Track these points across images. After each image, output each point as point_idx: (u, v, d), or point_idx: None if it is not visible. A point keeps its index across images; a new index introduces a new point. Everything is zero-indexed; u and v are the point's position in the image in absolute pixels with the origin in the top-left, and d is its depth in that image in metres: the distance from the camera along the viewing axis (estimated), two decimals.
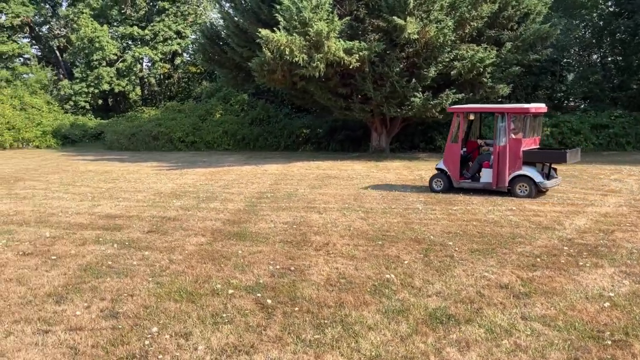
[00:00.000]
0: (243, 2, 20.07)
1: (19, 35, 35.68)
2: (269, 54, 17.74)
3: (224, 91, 30.94)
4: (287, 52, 16.43)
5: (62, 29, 35.60)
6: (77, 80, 32.17)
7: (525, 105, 10.81)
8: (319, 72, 17.39)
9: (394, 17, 17.17)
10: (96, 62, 31.90)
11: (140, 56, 33.34)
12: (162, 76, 34.12)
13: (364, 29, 19.84)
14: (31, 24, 35.44)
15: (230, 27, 20.72)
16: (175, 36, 33.70)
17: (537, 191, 10.46)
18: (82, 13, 32.07)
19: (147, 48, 32.91)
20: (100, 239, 7.60)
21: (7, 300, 5.16)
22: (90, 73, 32.02)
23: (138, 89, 33.69)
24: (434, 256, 6.46)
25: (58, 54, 36.99)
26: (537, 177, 10.33)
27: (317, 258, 6.45)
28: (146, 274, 5.96)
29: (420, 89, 19.42)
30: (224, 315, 4.71)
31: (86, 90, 32.00)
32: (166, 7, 33.35)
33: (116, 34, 33.61)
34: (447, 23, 18.06)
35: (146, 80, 34.13)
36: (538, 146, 11.38)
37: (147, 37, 33.24)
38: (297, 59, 16.59)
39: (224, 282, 5.64)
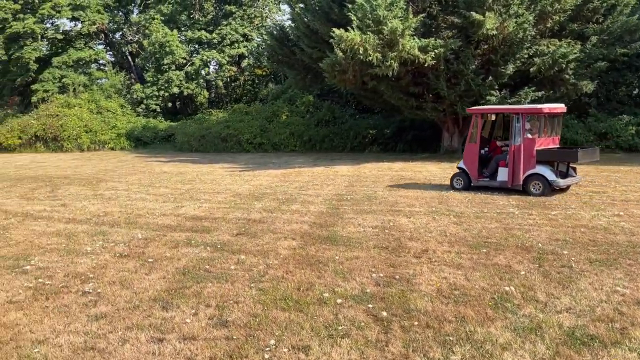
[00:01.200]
0: (314, 2, 19.90)
1: (95, 42, 37.34)
2: (340, 53, 17.50)
3: (289, 93, 31.03)
4: (360, 51, 16.12)
5: (134, 35, 36.94)
6: (149, 84, 33.25)
7: (539, 106, 11.03)
8: (392, 71, 16.95)
9: (471, 12, 16.47)
10: (166, 66, 32.86)
11: (208, 59, 34.04)
12: (228, 79, 34.68)
13: (437, 26, 19.24)
14: (105, 31, 37.01)
15: (300, 28, 20.63)
16: (241, 39, 34.18)
17: (551, 189, 10.67)
18: (154, 19, 33.10)
19: (215, 51, 33.55)
20: (192, 242, 7.56)
21: (114, 304, 5.12)
22: (161, 77, 33.00)
23: (205, 92, 34.37)
24: (549, 266, 5.93)
25: (130, 59, 38.46)
26: (550, 176, 10.56)
27: (419, 266, 6.08)
28: (245, 279, 5.80)
29: (496, 87, 18.60)
30: (339, 327, 4.43)
31: (157, 93, 33.01)
32: (233, 10, 33.89)
33: (185, 38, 34.46)
34: (527, 17, 17.17)
35: (214, 83, 34.79)
36: (557, 145, 11.58)
37: (215, 41, 33.89)
38: (370, 57, 16.24)
39: (327, 289, 5.38)
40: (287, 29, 23.31)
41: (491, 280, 5.51)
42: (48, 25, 34.23)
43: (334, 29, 16.24)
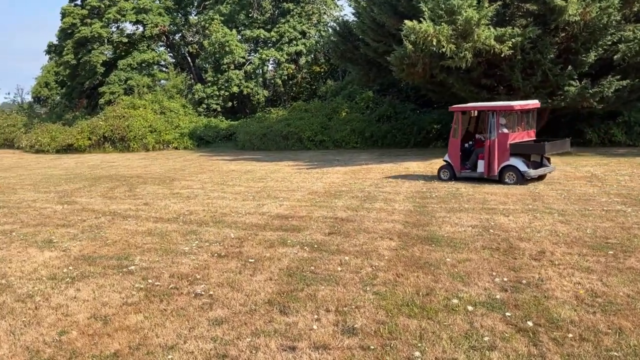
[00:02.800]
0: None
1: (156, 44, 38.28)
2: (410, 46, 16.99)
3: (349, 89, 30.68)
4: (433, 43, 15.55)
5: (194, 36, 37.60)
6: (209, 84, 33.73)
7: (511, 103, 12.10)
8: (466, 62, 16.30)
9: None
10: (225, 66, 33.22)
11: (267, 58, 34.17)
12: (287, 77, 34.70)
13: (511, 14, 18.39)
14: (167, 33, 37.85)
15: (365, 22, 20.23)
16: (300, 36, 34.10)
17: (524, 179, 11.58)
18: (213, 19, 33.53)
19: (274, 50, 33.63)
20: (288, 241, 7.36)
21: (230, 307, 4.95)
22: (221, 76, 33.40)
23: (265, 91, 34.54)
24: None
25: (189, 59, 39.17)
26: (522, 167, 11.54)
27: (544, 269, 5.60)
28: (356, 282, 5.52)
29: (575, 77, 17.59)
30: (482, 339, 4.06)
31: (217, 93, 33.44)
32: (291, 8, 33.85)
33: (243, 37, 34.74)
34: (612, 1, 16.08)
35: (272, 81, 34.91)
36: (533, 138, 12.58)
37: (273, 39, 33.98)
38: (444, 49, 15.65)
39: (450, 295, 5.01)
40: (351, 24, 22.93)
41: (634, 286, 4.97)
42: (113, 29, 35.33)
43: (405, 21, 15.76)
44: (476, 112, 12.79)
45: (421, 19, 15.97)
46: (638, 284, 5.04)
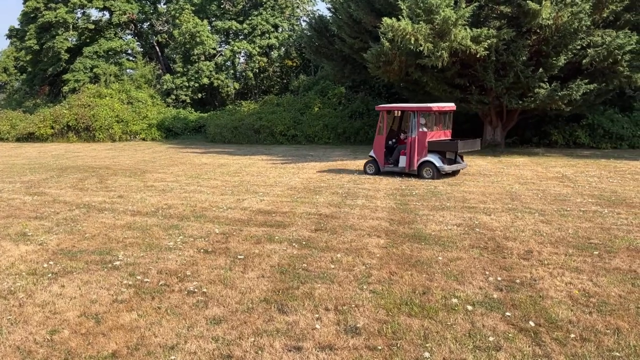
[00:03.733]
0: None
1: (124, 32, 37.22)
2: (387, 44, 17.08)
3: (321, 84, 30.61)
4: (412, 41, 15.65)
5: (163, 25, 36.72)
6: (178, 75, 33.04)
7: (430, 105, 13.22)
8: (442, 61, 16.47)
9: (527, 1, 15.87)
10: (196, 57, 32.60)
11: (239, 50, 33.71)
12: (258, 70, 34.33)
13: (485, 15, 18.68)
14: (135, 21, 36.85)
15: (342, 18, 20.19)
16: (272, 30, 33.78)
17: (439, 174, 12.71)
18: (184, 9, 32.83)
19: (245, 42, 33.21)
20: (275, 238, 7.25)
21: (226, 306, 4.83)
22: (191, 67, 32.77)
23: (236, 83, 34.08)
24: None
25: (158, 49, 38.25)
26: (438, 163, 12.66)
27: (535, 269, 5.70)
28: (351, 280, 5.48)
29: (545, 79, 18.02)
30: (486, 339, 4.08)
31: (187, 84, 32.79)
32: (264, 1, 33.47)
33: (215, 28, 34.15)
34: (583, 7, 16.53)
35: (244, 74, 34.48)
36: (449, 138, 13.65)
37: (245, 31, 33.54)
38: (422, 48, 15.76)
39: (447, 294, 5.04)
40: (326, 19, 22.84)
41: (624, 287, 5.11)
42: (79, 14, 34.14)
43: (384, 18, 15.77)
44: (399, 112, 13.86)
45: (399, 16, 16.04)
46: (627, 284, 5.18)
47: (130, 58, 36.91)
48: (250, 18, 33.63)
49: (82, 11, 34.35)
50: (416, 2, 15.91)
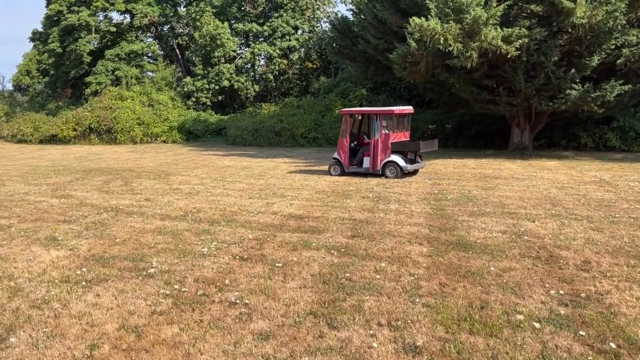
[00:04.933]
0: None
1: (145, 35, 37.34)
2: (414, 44, 16.70)
3: (342, 86, 30.31)
4: (440, 41, 15.26)
5: (184, 28, 36.75)
6: (199, 77, 32.99)
7: (392, 108, 13.90)
8: (472, 62, 16.04)
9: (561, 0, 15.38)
10: (216, 59, 32.52)
11: (259, 52, 33.56)
12: (278, 72, 34.14)
13: (515, 15, 18.21)
14: (156, 24, 36.94)
15: (367, 19, 19.85)
16: (292, 31, 33.57)
17: (402, 173, 13.33)
18: (205, 12, 32.79)
19: (266, 44, 33.05)
20: (312, 244, 6.94)
21: (271, 319, 4.52)
22: (211, 70, 32.70)
23: (256, 86, 33.91)
24: None
25: (178, 51, 38.31)
26: (401, 162, 13.27)
27: (598, 282, 5.30)
28: (400, 292, 5.14)
29: (577, 80, 17.49)
30: None
31: (207, 86, 32.73)
32: (284, 2, 33.29)
33: (235, 31, 34.06)
34: (618, 5, 15.98)
35: (264, 76, 34.30)
36: (407, 139, 14.22)
37: (266, 34, 33.39)
38: (451, 48, 15.37)
39: (507, 308, 4.67)
40: (351, 20, 22.53)
41: None
42: (101, 17, 34.31)
43: (413, 18, 15.42)
44: (360, 115, 14.38)
45: (427, 16, 15.66)
46: None
47: (151, 61, 36.99)
48: (270, 20, 33.47)
49: (104, 14, 34.55)
50: (445, 2, 15.52)
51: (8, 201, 10.55)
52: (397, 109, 13.83)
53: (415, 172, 14.06)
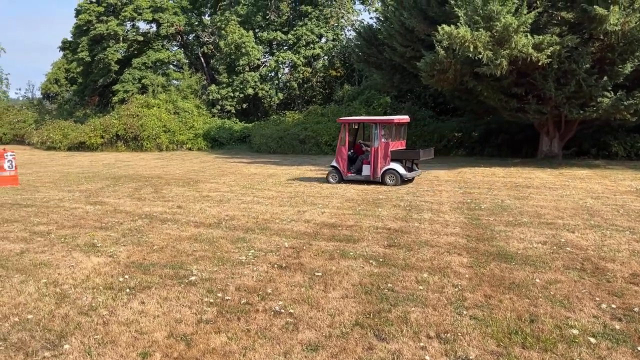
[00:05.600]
0: (412, 0, 19.02)
1: (171, 44, 37.89)
2: (442, 52, 16.62)
3: (366, 94, 30.29)
4: (470, 49, 15.15)
5: (209, 36, 37.19)
6: (224, 85, 33.31)
7: (391, 117, 14.21)
8: (502, 70, 15.88)
9: (594, 6, 15.15)
10: (240, 67, 32.80)
11: (284, 61, 33.76)
12: (302, 80, 34.28)
13: (545, 22, 17.99)
14: (182, 33, 37.47)
15: (394, 27, 19.83)
16: (317, 40, 33.72)
17: (402, 181, 13.69)
18: (230, 20, 33.14)
19: (290, 52, 33.23)
20: (349, 253, 6.90)
21: (318, 329, 4.49)
22: (236, 78, 32.98)
23: (280, 94, 34.09)
24: None
25: (202, 60, 38.77)
26: (401, 170, 13.63)
27: None
28: (445, 303, 5.06)
29: (609, 88, 17.17)
30: None
31: (232, 94, 33.01)
32: (309, 11, 33.47)
33: (259, 39, 34.34)
34: None
35: (288, 84, 34.48)
36: (404, 147, 14.56)
37: (290, 42, 33.59)
38: (481, 55, 15.24)
39: (558, 322, 4.55)
40: (377, 28, 22.54)
41: None
42: (128, 27, 34.92)
43: (442, 25, 15.34)
44: (356, 124, 14.80)
45: (458, 24, 15.56)
46: None
47: (177, 69, 37.49)
48: (295, 28, 33.67)
49: (131, 24, 35.15)
50: (475, 9, 15.41)
51: (44, 207, 10.74)
52: (396, 118, 14.09)
53: (412, 179, 14.37)
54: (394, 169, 13.60)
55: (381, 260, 6.60)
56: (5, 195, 12.62)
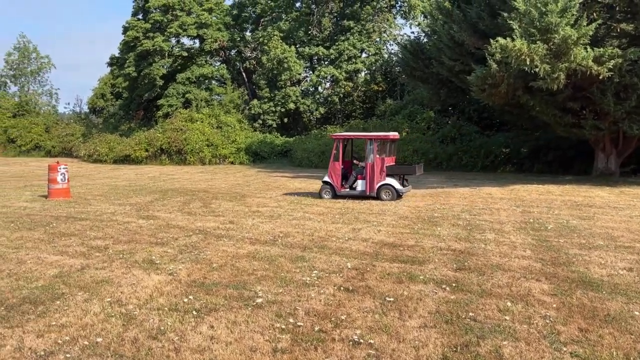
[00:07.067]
0: (461, 13, 18.62)
1: (214, 59, 38.44)
2: (494, 65, 16.10)
3: (409, 108, 29.88)
4: (527, 62, 14.61)
5: (252, 52, 37.56)
6: (265, 100, 33.46)
7: (387, 134, 14.44)
8: (559, 84, 15.26)
9: None
10: (282, 82, 32.91)
11: (325, 75, 33.72)
12: (343, 94, 34.13)
13: (603, 34, 17.28)
14: (224, 48, 37.98)
15: (442, 40, 19.43)
16: (359, 54, 33.58)
17: (398, 196, 13.82)
18: (273, 36, 33.37)
19: (332, 67, 33.17)
20: (419, 277, 6.51)
21: None
22: (278, 93, 33.09)
23: (321, 108, 34.00)
24: None
25: (244, 75, 39.14)
26: (397, 186, 13.80)
27: None
28: (537, 337, 4.62)
29: None
30: None
31: (273, 109, 33.12)
32: (351, 25, 33.40)
33: (301, 54, 34.44)
34: None
35: (329, 99, 34.38)
36: (394, 163, 14.59)
37: (332, 57, 33.55)
38: (537, 69, 14.68)
39: None
40: (424, 41, 22.19)
41: None
42: (173, 42, 35.61)
43: (497, 38, 14.88)
44: (346, 140, 14.80)
45: (513, 36, 15.06)
46: None
47: (219, 84, 37.94)
48: (337, 43, 33.62)
49: (176, 39, 35.84)
50: (531, 22, 14.88)
51: (98, 221, 10.75)
52: (391, 134, 14.41)
53: (403, 194, 14.39)
54: (390, 184, 13.71)
55: (454, 285, 6.19)
56: (59, 208, 12.76)
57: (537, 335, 4.68)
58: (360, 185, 14.13)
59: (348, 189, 14.32)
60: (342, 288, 6.11)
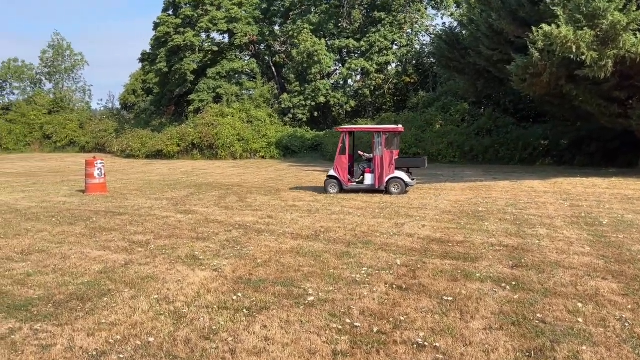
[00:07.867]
0: (500, 1, 17.98)
1: (244, 54, 38.38)
2: (536, 54, 15.49)
3: (443, 100, 29.24)
4: (573, 50, 13.98)
5: (281, 46, 37.36)
6: (295, 94, 33.24)
7: (395, 126, 14.22)
8: (605, 72, 14.57)
9: None
10: (312, 76, 32.61)
11: (356, 68, 33.30)
12: (374, 87, 33.64)
13: None
14: (254, 43, 37.87)
15: (481, 29, 18.84)
16: (390, 46, 33.03)
17: (407, 189, 13.67)
18: (303, 29, 33.08)
19: (363, 60, 32.73)
20: (475, 275, 6.17)
21: None
22: (308, 86, 32.81)
23: (352, 101, 33.60)
24: None
25: (274, 69, 38.96)
26: (406, 179, 13.58)
27: None
28: (616, 341, 4.26)
29: None
30: None
31: (304, 103, 32.87)
32: (382, 17, 32.86)
33: (331, 47, 34.06)
34: None
35: (359, 91, 33.95)
36: (398, 156, 14.25)
37: (363, 49, 33.09)
38: (584, 57, 14.04)
39: None
40: (460, 31, 21.59)
41: None
42: (203, 37, 35.67)
43: (542, 26, 14.27)
44: (349, 133, 14.18)
45: (557, 23, 14.44)
46: None
47: (249, 78, 37.88)
48: (368, 35, 33.13)
49: (206, 34, 35.89)
50: (577, 7, 14.23)
51: (137, 216, 10.70)
52: (400, 127, 14.13)
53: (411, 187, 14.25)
54: (399, 177, 13.48)
55: (514, 284, 5.83)
56: (97, 203, 12.80)
57: (616, 339, 4.31)
58: (368, 178, 13.83)
59: (355, 183, 14.02)
60: (394, 286, 5.82)
